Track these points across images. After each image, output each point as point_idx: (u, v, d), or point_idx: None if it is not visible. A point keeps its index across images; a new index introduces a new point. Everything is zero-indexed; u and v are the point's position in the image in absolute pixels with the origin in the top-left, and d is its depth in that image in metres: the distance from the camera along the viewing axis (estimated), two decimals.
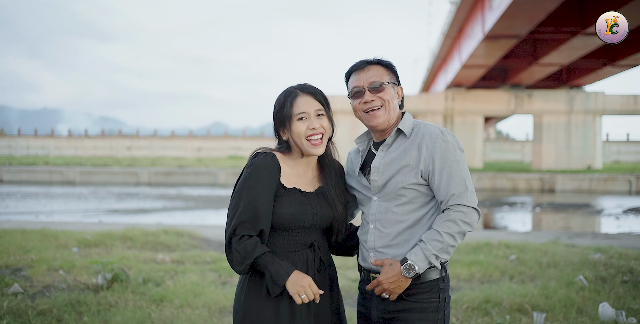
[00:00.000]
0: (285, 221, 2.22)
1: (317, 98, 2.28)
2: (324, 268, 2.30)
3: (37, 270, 6.22)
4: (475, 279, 6.25)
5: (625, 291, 5.53)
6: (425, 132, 2.30)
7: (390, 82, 2.38)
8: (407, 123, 2.35)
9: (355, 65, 2.42)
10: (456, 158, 2.27)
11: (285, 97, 2.29)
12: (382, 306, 2.28)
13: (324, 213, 2.28)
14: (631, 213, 20.22)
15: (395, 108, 2.39)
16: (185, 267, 6.71)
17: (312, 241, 2.28)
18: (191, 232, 9.54)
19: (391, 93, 2.37)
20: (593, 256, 7.17)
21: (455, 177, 2.23)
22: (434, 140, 2.26)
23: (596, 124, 40.68)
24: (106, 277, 5.47)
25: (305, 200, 2.26)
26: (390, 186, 2.29)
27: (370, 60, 2.40)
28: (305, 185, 2.31)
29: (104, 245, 8.06)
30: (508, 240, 8.52)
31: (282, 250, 2.24)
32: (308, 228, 2.25)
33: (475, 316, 4.79)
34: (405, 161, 2.27)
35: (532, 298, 5.13)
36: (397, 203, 2.28)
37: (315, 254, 2.27)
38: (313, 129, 2.25)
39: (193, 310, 4.84)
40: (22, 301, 4.86)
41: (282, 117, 2.27)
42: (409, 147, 2.30)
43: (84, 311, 4.70)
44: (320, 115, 2.28)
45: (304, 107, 2.25)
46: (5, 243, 7.68)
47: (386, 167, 2.29)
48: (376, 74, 2.36)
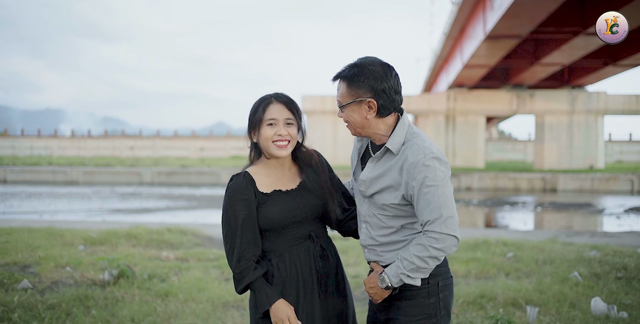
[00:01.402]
0: (277, 221, 2.36)
1: (289, 108, 2.40)
2: (325, 254, 2.44)
3: (44, 267, 6.38)
4: (472, 275, 6.39)
5: (618, 287, 5.67)
6: (410, 154, 2.27)
7: (350, 101, 2.34)
8: (396, 141, 2.32)
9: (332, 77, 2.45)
10: (436, 183, 2.21)
11: (260, 102, 2.41)
12: None
13: (312, 204, 2.42)
14: (632, 212, 20.27)
15: (364, 124, 2.36)
16: (189, 264, 6.86)
17: (309, 232, 2.42)
18: (194, 231, 9.69)
19: (351, 112, 2.35)
20: (589, 254, 7.30)
21: (431, 203, 2.20)
22: (414, 166, 2.24)
23: (598, 124, 40.66)
24: (112, 273, 5.62)
25: (289, 198, 2.39)
26: (375, 200, 2.37)
27: (336, 75, 2.40)
28: (285, 185, 2.44)
29: (109, 243, 8.22)
30: (506, 238, 8.65)
31: (284, 246, 2.39)
32: (301, 221, 2.39)
33: (470, 310, 4.94)
34: (388, 181, 2.31)
35: (526, 293, 5.27)
36: (383, 214, 2.37)
37: (315, 243, 2.41)
38: (279, 135, 2.38)
39: (197, 304, 5.00)
40: (32, 296, 5.02)
41: (254, 120, 2.41)
42: (393, 165, 2.31)
43: (92, 305, 4.86)
44: (289, 123, 2.40)
45: (275, 114, 2.38)
46: (13, 241, 7.83)
47: (372, 182, 2.35)
48: (340, 93, 2.39)
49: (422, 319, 2.32)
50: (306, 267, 2.38)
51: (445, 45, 35.16)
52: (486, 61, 30.94)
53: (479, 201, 24.51)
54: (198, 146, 65.78)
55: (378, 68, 2.31)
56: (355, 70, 2.32)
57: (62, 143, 66.09)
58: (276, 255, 2.39)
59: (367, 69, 2.31)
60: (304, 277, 2.37)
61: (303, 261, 2.38)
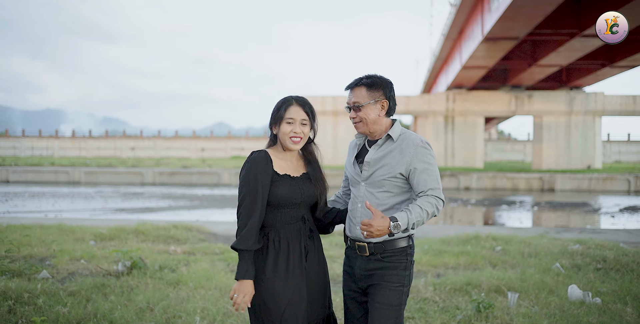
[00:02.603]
0: (281, 199, 2.83)
1: (305, 110, 2.92)
2: (312, 235, 2.93)
3: (60, 260, 6.78)
4: (461, 267, 6.80)
5: (596, 276, 6.07)
6: (410, 140, 2.92)
7: (370, 101, 2.95)
8: (396, 131, 2.96)
9: (349, 85, 3.03)
10: (432, 162, 2.88)
11: (283, 102, 2.93)
12: (364, 265, 2.91)
13: (310, 192, 2.91)
14: (627, 211, 20.57)
15: (375, 120, 2.97)
16: (195, 257, 7.27)
17: (302, 215, 2.90)
18: (199, 227, 10.08)
19: (369, 111, 2.95)
20: (572, 247, 7.69)
21: (432, 176, 2.86)
22: (415, 147, 2.89)
23: (596, 124, 40.95)
24: (126, 264, 6.03)
25: (294, 183, 2.88)
26: (374, 177, 2.93)
27: (357, 83, 3.00)
28: (293, 171, 2.94)
29: (118, 239, 8.62)
30: (496, 234, 9.06)
31: (281, 223, 2.85)
32: (298, 204, 2.87)
33: (457, 295, 5.37)
34: (389, 160, 2.91)
35: (509, 281, 5.69)
36: (379, 190, 2.92)
37: (305, 225, 2.90)
38: (295, 132, 2.89)
39: (206, 291, 5.42)
40: (53, 284, 5.43)
41: (277, 117, 2.92)
42: (394, 149, 2.91)
43: (109, 292, 5.27)
44: (304, 123, 2.92)
45: (293, 114, 2.89)
46: (27, 236, 8.21)
47: (375, 162, 2.94)
48: (358, 96, 2.97)
49: (398, 287, 2.86)
50: (296, 244, 2.84)
51: (444, 47, 35.47)
52: (485, 62, 31.24)
53: (477, 200, 24.75)
54: (199, 146, 66.06)
55: (388, 80, 3.02)
56: (373, 79, 2.99)
57: (63, 144, 66.30)
58: (274, 231, 2.84)
59: (381, 79, 3.00)
60: (293, 252, 2.83)
61: (294, 239, 2.84)
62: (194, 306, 4.86)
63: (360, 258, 2.93)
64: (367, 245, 2.88)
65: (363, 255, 2.91)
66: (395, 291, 2.85)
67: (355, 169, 3.02)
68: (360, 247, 2.91)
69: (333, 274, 6.29)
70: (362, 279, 2.93)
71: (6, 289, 5.03)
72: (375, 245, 2.86)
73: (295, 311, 2.76)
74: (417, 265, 6.81)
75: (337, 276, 6.27)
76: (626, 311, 4.76)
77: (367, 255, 2.89)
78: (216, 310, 4.79)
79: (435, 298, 5.26)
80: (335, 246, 7.94)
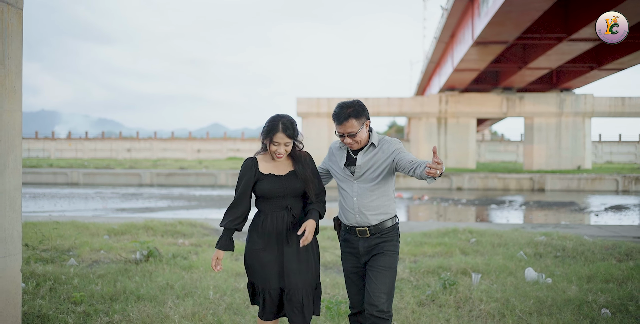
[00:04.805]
0: (266, 192, 3.64)
1: (288, 135, 3.58)
2: (295, 221, 3.69)
3: (82, 250, 7.62)
4: (437, 255, 7.67)
5: (554, 262, 6.95)
6: (386, 141, 3.71)
7: (361, 127, 3.62)
8: (375, 139, 3.71)
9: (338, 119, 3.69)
10: (405, 150, 3.74)
11: (272, 128, 3.64)
12: (367, 243, 3.71)
13: (293, 186, 3.67)
14: (611, 210, 21.27)
15: (365, 137, 3.68)
16: (202, 248, 8.12)
17: (287, 204, 3.67)
18: (202, 223, 10.90)
19: (361, 134, 3.64)
20: (538, 238, 8.56)
21: (410, 156, 3.60)
22: (391, 144, 3.72)
23: (586, 125, 41.63)
24: (143, 253, 6.88)
25: (277, 180, 3.66)
26: (366, 175, 3.74)
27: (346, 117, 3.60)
28: (278, 171, 3.71)
29: (129, 233, 9.44)
30: (473, 228, 9.93)
31: (269, 210, 3.65)
32: (283, 196, 3.66)
33: (429, 276, 6.25)
34: (376, 160, 3.72)
35: (475, 265, 6.57)
36: (370, 184, 3.73)
37: (289, 213, 3.66)
38: (278, 152, 3.65)
39: (215, 273, 6.29)
40: (83, 269, 6.29)
41: (266, 137, 3.67)
42: (377, 152, 3.70)
43: (132, 275, 6.13)
44: (287, 144, 3.66)
45: (279, 139, 3.61)
46: (45, 232, 9.00)
47: (364, 164, 3.74)
48: (350, 126, 3.61)
49: (394, 254, 3.70)
50: (281, 227, 3.63)
51: (436, 49, 36.08)
52: (476, 65, 31.91)
53: (468, 200, 25.37)
54: (195, 147, 66.31)
55: (362, 104, 3.66)
56: (354, 108, 3.62)
57: (60, 145, 66.37)
58: (264, 215, 3.66)
59: (359, 105, 3.64)
60: (278, 233, 3.63)
61: (279, 223, 3.63)
62: (207, 284, 5.74)
63: (362, 239, 3.72)
64: (367, 228, 3.69)
65: (364, 236, 3.69)
66: (392, 258, 3.67)
67: (345, 172, 3.79)
68: (361, 231, 3.70)
69: (324, 261, 7.14)
70: (365, 254, 3.72)
71: (45, 272, 5.91)
72: (374, 227, 3.67)
73: (269, 275, 3.59)
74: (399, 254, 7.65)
75: (327, 262, 7.12)
76: (571, 288, 5.61)
77: (368, 235, 3.68)
78: (226, 287, 5.67)
79: (410, 278, 6.14)
80: (327, 239, 8.77)
